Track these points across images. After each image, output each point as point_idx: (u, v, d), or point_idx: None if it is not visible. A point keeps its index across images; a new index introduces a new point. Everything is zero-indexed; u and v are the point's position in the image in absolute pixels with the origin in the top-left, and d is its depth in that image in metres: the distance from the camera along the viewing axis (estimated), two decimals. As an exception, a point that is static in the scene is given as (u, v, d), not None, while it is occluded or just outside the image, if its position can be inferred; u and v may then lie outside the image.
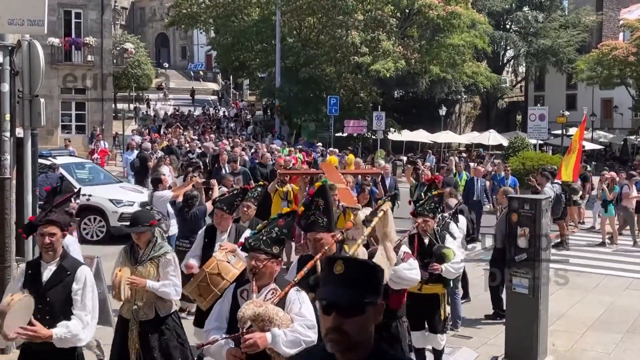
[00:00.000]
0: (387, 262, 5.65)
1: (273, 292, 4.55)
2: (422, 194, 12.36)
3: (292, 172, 15.00)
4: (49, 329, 4.96)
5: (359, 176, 14.73)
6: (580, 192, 18.76)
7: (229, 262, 6.68)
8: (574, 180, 17.38)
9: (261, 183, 9.37)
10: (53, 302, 5.10)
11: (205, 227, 8.17)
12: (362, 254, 5.53)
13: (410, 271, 6.25)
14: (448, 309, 8.27)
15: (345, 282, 2.64)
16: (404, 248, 6.52)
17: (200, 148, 24.51)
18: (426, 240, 7.68)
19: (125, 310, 6.47)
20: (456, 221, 9.48)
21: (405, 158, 37.52)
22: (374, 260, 5.23)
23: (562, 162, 17.95)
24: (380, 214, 5.84)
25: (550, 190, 15.51)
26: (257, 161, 20.18)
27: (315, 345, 2.98)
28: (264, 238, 4.62)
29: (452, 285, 8.45)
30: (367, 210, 10.02)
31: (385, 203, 6.21)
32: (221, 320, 4.72)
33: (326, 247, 5.12)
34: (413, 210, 7.96)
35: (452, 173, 20.14)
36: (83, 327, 5.11)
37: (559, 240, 16.84)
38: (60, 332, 5.00)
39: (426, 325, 7.77)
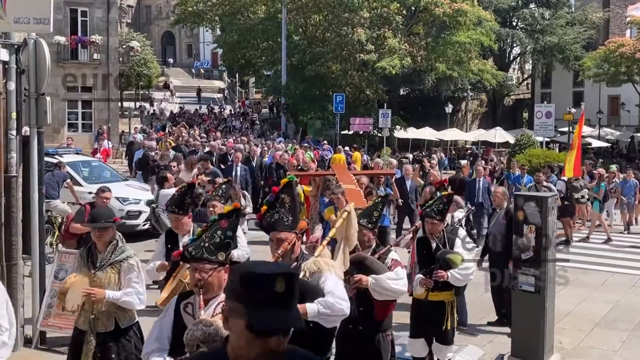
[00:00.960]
0: (337, 266, 5.07)
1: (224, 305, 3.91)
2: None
3: (301, 173, 14.57)
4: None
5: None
6: (585, 190, 18.62)
7: None
8: (575, 175, 17.34)
9: (227, 179, 9.13)
10: None
11: (165, 231, 7.55)
12: (327, 255, 5.03)
13: (396, 282, 5.78)
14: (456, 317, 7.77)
15: (287, 303, 2.41)
16: (393, 255, 6.14)
17: (206, 147, 24.41)
18: (433, 245, 7.26)
19: (81, 320, 5.97)
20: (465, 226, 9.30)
21: (410, 156, 37.43)
22: (332, 265, 4.92)
23: (565, 158, 18.02)
24: (344, 214, 5.34)
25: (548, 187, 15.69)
26: (274, 162, 20.04)
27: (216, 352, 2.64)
28: (206, 245, 4.00)
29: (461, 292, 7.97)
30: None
31: (349, 204, 5.74)
32: (162, 341, 4.11)
33: (283, 248, 4.65)
34: (421, 211, 7.55)
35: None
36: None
37: (564, 238, 16.84)
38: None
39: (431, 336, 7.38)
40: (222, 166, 19.33)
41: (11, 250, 8.04)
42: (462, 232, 7.94)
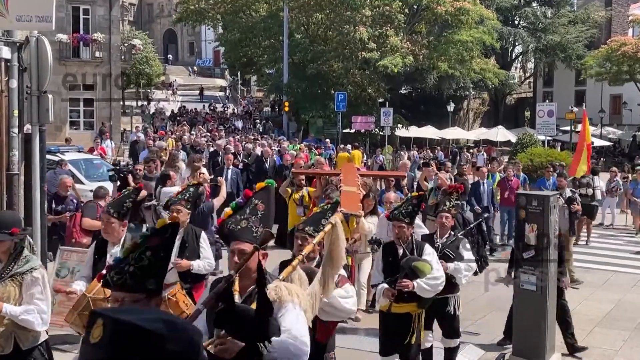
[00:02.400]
0: (318, 293, 4.42)
1: None
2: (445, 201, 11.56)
3: (305, 172, 13.96)
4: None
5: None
6: (592, 193, 18.13)
7: None
8: (570, 174, 17.19)
9: (194, 182, 8.14)
10: None
11: (94, 242, 6.87)
12: (299, 279, 4.27)
13: (346, 300, 4.90)
14: (425, 333, 7.24)
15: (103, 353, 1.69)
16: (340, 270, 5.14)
17: (211, 146, 24.18)
18: (400, 251, 6.64)
19: None
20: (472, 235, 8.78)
21: (415, 153, 37.35)
22: (310, 287, 4.32)
23: (574, 158, 17.89)
24: (327, 227, 4.51)
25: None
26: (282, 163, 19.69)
27: None
28: (131, 269, 3.01)
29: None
30: (374, 219, 9.57)
31: (336, 214, 4.85)
32: None
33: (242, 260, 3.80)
34: (388, 214, 7.01)
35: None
36: None
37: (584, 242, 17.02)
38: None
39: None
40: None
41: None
42: (464, 244, 7.61)
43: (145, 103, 52.71)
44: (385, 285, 6.49)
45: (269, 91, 53.98)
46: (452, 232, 7.72)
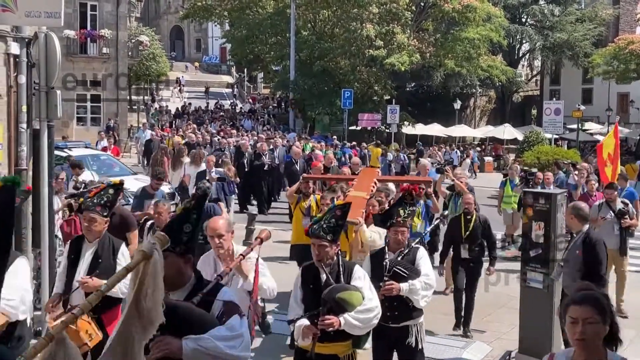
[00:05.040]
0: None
1: None
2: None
3: (318, 176, 12.53)
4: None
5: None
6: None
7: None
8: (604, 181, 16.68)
9: (115, 182, 6.59)
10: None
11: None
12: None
13: (229, 344, 3.55)
14: None
15: None
16: (226, 293, 3.87)
17: (233, 145, 23.85)
18: (323, 276, 5.27)
19: None
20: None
21: (425, 152, 37.25)
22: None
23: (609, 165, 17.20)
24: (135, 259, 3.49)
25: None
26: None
27: None
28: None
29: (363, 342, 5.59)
30: (376, 229, 8.29)
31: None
32: None
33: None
34: (307, 228, 5.50)
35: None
36: None
37: None
38: None
39: None
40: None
41: (21, 243, 8.09)
42: (421, 253, 6.40)
43: (149, 101, 52.75)
44: (306, 322, 5.15)
45: (276, 88, 54.02)
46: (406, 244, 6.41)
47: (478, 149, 46.28)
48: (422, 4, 44.61)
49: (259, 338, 8.02)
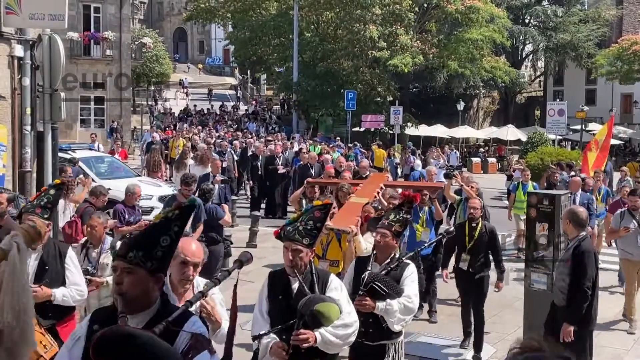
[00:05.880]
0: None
1: None
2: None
3: (323, 181, 11.70)
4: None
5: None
6: None
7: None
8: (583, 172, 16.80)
9: (57, 182, 6.21)
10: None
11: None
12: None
13: None
14: None
15: None
16: (195, 325, 3.33)
17: (239, 148, 23.71)
18: (294, 285, 4.69)
19: None
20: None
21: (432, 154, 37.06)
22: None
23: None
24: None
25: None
26: (301, 163, 19.25)
27: None
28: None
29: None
30: (371, 238, 7.13)
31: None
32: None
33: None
34: (277, 231, 4.94)
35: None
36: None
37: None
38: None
39: None
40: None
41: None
42: (409, 270, 5.59)
43: (152, 103, 52.81)
44: (274, 338, 4.56)
45: (279, 89, 54.05)
46: (397, 257, 5.69)
47: (482, 150, 46.36)
48: (425, 5, 44.58)
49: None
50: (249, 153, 21.87)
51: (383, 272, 5.43)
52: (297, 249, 4.64)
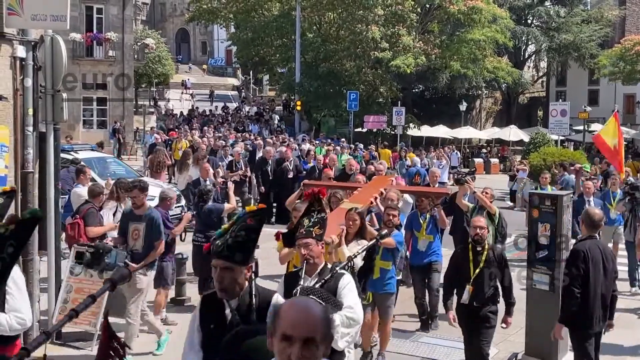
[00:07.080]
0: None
1: None
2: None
3: (320, 183, 10.85)
4: None
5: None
6: None
7: None
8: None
9: (5, 189, 4.88)
10: None
11: None
12: None
13: None
14: None
15: None
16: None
17: (246, 150, 23.21)
18: (227, 311, 3.91)
19: None
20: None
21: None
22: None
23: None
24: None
25: None
26: (310, 165, 19.10)
27: None
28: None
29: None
30: (356, 247, 6.73)
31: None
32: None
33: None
34: (207, 246, 4.12)
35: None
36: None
37: None
38: None
39: None
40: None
41: (27, 246, 8.10)
42: (345, 280, 5.00)
43: (154, 103, 52.82)
44: None
45: (281, 90, 54.03)
46: (329, 267, 5.17)
47: (484, 150, 46.34)
48: (428, 5, 44.57)
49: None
50: (258, 156, 21.06)
51: (318, 285, 4.72)
52: (226, 267, 3.80)
